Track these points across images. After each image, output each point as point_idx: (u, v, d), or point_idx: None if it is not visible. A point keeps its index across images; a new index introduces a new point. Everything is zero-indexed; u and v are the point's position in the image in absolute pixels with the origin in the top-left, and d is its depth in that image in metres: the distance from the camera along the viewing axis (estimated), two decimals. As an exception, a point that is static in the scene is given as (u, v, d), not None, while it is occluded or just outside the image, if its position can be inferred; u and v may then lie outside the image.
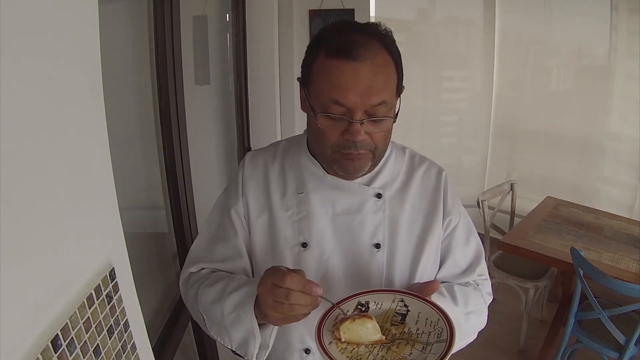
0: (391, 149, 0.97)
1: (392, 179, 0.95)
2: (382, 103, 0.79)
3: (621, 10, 3.15)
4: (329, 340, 0.75)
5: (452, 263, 0.97)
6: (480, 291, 0.98)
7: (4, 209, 0.41)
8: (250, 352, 0.83)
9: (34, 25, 0.47)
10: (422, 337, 0.74)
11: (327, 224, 0.90)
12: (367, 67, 0.77)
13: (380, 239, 0.91)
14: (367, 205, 0.91)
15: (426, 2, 3.78)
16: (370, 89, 0.78)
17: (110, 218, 0.65)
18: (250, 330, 0.80)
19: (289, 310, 0.71)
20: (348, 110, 0.79)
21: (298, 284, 0.70)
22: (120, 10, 1.25)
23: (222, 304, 0.83)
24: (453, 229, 0.97)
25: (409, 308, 0.79)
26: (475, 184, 3.95)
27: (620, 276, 2.00)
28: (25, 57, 0.46)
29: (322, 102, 0.81)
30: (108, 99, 0.64)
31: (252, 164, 0.97)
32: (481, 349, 2.66)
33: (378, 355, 0.72)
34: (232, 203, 0.96)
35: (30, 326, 0.46)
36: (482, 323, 0.99)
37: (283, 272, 0.72)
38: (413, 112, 3.99)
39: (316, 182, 0.92)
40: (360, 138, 0.80)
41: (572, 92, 3.64)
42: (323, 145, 0.85)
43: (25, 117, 0.46)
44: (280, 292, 0.70)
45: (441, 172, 0.99)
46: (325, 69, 0.80)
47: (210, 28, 2.13)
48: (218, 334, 0.87)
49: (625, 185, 3.33)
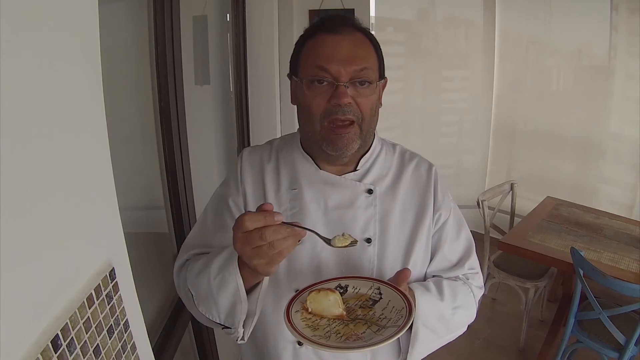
0: (381, 146, 1.01)
1: (383, 175, 0.98)
2: (364, 69, 0.86)
3: (621, 10, 3.15)
4: (297, 309, 0.80)
5: (442, 257, 0.99)
6: (469, 285, 0.99)
7: (4, 209, 0.41)
8: (237, 318, 0.82)
9: (34, 26, 0.47)
10: (382, 322, 0.77)
11: (319, 219, 0.92)
12: (348, 40, 0.87)
13: (371, 234, 0.93)
14: (358, 201, 0.94)
15: (426, 2, 3.78)
16: (351, 56, 0.85)
17: (110, 218, 0.65)
18: (236, 292, 0.79)
19: (270, 249, 0.70)
20: (333, 77, 0.85)
21: (257, 220, 0.69)
22: (120, 10, 1.25)
23: (208, 271, 0.83)
24: (443, 223, 0.99)
25: (382, 296, 0.83)
26: (475, 184, 3.95)
27: (620, 276, 2.00)
28: (25, 57, 0.46)
29: (308, 72, 0.87)
30: (108, 98, 0.64)
31: (250, 159, 1.00)
32: (481, 349, 2.66)
33: (334, 329, 0.76)
34: (230, 194, 0.98)
35: (30, 326, 0.46)
36: (470, 317, 1.01)
37: (241, 217, 0.71)
38: (413, 112, 3.99)
39: (309, 178, 0.95)
40: (346, 101, 0.84)
41: (572, 92, 3.64)
42: (312, 120, 0.88)
43: (25, 117, 0.46)
44: (252, 236, 0.69)
45: (431, 167, 1.01)
46: (310, 46, 0.89)
47: (210, 28, 2.13)
48: (206, 308, 0.86)
49: (625, 185, 3.33)
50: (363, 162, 0.97)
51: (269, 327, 0.94)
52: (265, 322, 0.94)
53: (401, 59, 3.89)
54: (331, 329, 0.77)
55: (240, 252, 0.73)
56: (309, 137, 0.92)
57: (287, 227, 0.71)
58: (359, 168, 0.96)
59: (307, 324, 0.77)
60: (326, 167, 0.96)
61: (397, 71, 3.87)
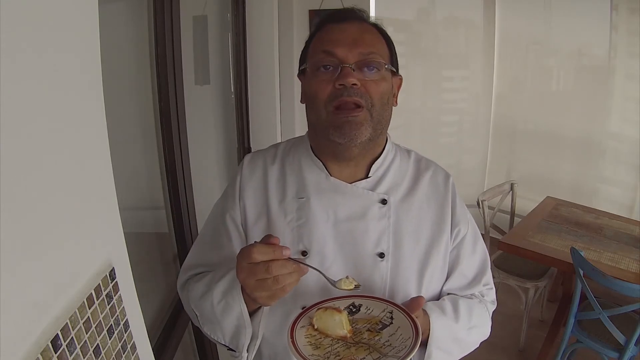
0: (395, 152, 0.94)
1: (398, 183, 0.91)
2: (371, 53, 0.82)
3: (621, 10, 3.15)
4: (304, 324, 0.78)
5: (460, 274, 0.94)
6: (485, 303, 0.96)
7: (4, 209, 0.41)
8: (242, 342, 0.81)
9: (34, 26, 0.47)
10: (385, 349, 0.74)
11: (328, 231, 0.86)
12: (355, 26, 0.84)
13: (384, 248, 0.86)
14: (371, 212, 0.87)
15: (426, 2, 3.78)
16: (358, 40, 0.82)
17: (110, 218, 0.65)
18: (240, 317, 0.78)
19: (274, 284, 0.69)
20: (339, 59, 0.81)
21: (266, 253, 0.68)
22: (120, 10, 1.25)
23: (211, 295, 0.81)
24: (462, 239, 0.93)
25: (393, 321, 0.79)
26: (475, 184, 3.95)
27: (620, 276, 2.00)
28: (24, 57, 0.46)
29: (314, 59, 0.84)
30: (108, 98, 0.63)
31: (251, 167, 0.94)
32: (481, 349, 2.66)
33: (335, 350, 0.74)
34: (228, 208, 0.93)
35: (30, 326, 0.46)
36: (484, 335, 0.98)
37: (249, 248, 0.69)
38: (413, 112, 3.99)
39: (318, 185, 0.88)
40: (351, 80, 0.79)
41: (572, 92, 3.64)
42: (318, 106, 0.83)
43: (25, 117, 0.46)
44: (258, 268, 0.68)
45: (448, 178, 0.95)
46: (317, 38, 0.87)
47: (210, 28, 2.13)
48: (211, 329, 0.86)
49: (625, 185, 3.33)
50: (375, 167, 0.90)
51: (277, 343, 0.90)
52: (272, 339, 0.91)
53: (401, 59, 3.81)
54: (332, 349, 0.74)
55: (243, 283, 0.72)
56: (316, 128, 0.86)
57: (293, 263, 0.70)
58: (370, 174, 0.89)
59: (310, 342, 0.75)
60: (336, 172, 0.89)
61: (397, 71, 3.87)
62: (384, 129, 0.88)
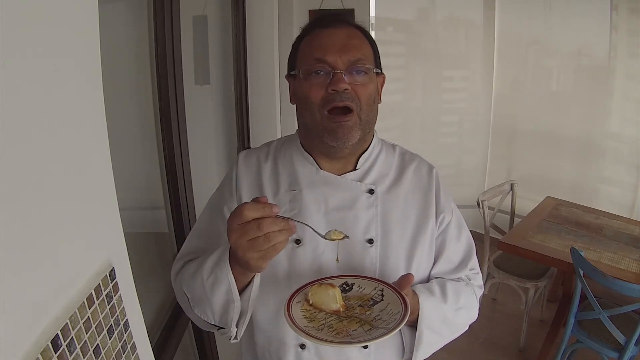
0: (381, 146, 1.01)
1: (384, 175, 0.97)
2: (360, 59, 0.88)
3: (621, 10, 3.15)
4: (300, 300, 0.83)
5: (446, 259, 0.99)
6: (471, 286, 1.01)
7: (4, 210, 0.41)
8: (230, 317, 0.84)
9: (34, 26, 0.47)
10: (376, 322, 0.79)
11: (320, 220, 0.91)
12: (342, 31, 0.90)
13: (373, 235, 0.92)
14: (359, 201, 0.93)
15: (426, 2, 3.78)
16: (346, 46, 0.88)
17: (110, 218, 0.65)
18: (229, 291, 0.80)
19: (265, 242, 0.70)
20: (330, 66, 0.87)
21: (256, 209, 0.70)
22: (120, 10, 1.25)
23: (201, 272, 0.83)
24: (446, 225, 0.99)
25: (384, 298, 0.84)
26: (475, 184, 3.95)
27: (620, 276, 2.00)
28: (25, 58, 0.46)
29: (305, 65, 0.89)
30: (108, 99, 0.64)
31: (246, 162, 0.99)
32: (481, 349, 2.66)
33: (328, 323, 0.79)
34: (225, 200, 0.97)
35: (30, 326, 0.46)
36: (472, 317, 1.02)
37: (240, 207, 0.71)
38: (413, 112, 3.99)
39: (309, 178, 0.94)
40: (343, 86, 0.85)
41: (572, 92, 3.64)
42: (312, 109, 0.88)
43: (25, 117, 0.46)
44: (249, 227, 0.70)
45: (432, 169, 1.01)
46: (306, 43, 0.92)
47: (210, 28, 2.13)
48: (201, 310, 0.87)
49: (625, 185, 3.33)
50: (363, 160, 0.96)
51: (271, 331, 0.94)
52: (267, 326, 0.94)
53: (401, 59, 3.89)
54: (326, 322, 0.79)
55: (235, 245, 0.73)
56: (309, 129, 0.92)
57: (282, 220, 0.72)
58: (358, 167, 0.96)
59: (305, 315, 0.80)
60: (326, 166, 0.95)
61: (397, 71, 3.87)
62: (372, 127, 0.95)
